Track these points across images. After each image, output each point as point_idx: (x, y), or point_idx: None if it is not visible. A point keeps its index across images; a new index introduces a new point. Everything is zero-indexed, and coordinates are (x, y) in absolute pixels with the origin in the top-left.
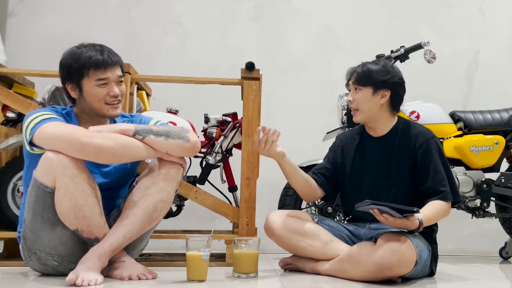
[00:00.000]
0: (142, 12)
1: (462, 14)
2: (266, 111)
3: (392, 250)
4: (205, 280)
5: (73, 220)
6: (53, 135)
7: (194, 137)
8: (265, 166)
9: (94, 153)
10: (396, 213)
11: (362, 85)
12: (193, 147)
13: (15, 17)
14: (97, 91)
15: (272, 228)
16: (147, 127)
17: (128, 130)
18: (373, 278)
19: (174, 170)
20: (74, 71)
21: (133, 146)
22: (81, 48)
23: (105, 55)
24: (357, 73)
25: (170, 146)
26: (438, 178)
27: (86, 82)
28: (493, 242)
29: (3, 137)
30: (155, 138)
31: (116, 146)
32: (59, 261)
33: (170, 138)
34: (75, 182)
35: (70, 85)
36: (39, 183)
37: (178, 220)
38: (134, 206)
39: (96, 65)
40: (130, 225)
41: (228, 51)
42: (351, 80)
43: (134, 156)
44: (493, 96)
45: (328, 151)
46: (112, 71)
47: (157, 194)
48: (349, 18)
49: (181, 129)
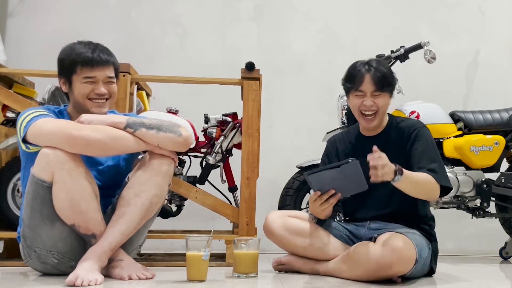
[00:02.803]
0: (142, 12)
1: (462, 14)
2: (266, 111)
3: (392, 249)
4: (205, 280)
5: (70, 215)
6: (45, 131)
7: (186, 132)
8: (265, 166)
9: (83, 145)
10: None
11: (383, 91)
12: (185, 141)
13: (15, 17)
14: (82, 87)
15: (272, 228)
16: (139, 120)
17: (119, 122)
18: (374, 278)
19: (166, 164)
20: (66, 66)
21: (123, 139)
22: (76, 45)
23: (96, 54)
24: (376, 79)
25: (161, 140)
26: (428, 161)
27: (75, 78)
28: (493, 242)
29: (3, 137)
30: (146, 131)
31: (106, 138)
32: (59, 258)
33: (161, 132)
34: (72, 176)
35: (62, 79)
36: (37, 178)
37: (178, 220)
38: (130, 203)
39: (84, 62)
40: (127, 222)
41: (228, 51)
42: (370, 86)
43: (124, 149)
44: (493, 96)
45: (322, 159)
46: (100, 70)
47: (151, 189)
48: (349, 18)
49: (173, 124)
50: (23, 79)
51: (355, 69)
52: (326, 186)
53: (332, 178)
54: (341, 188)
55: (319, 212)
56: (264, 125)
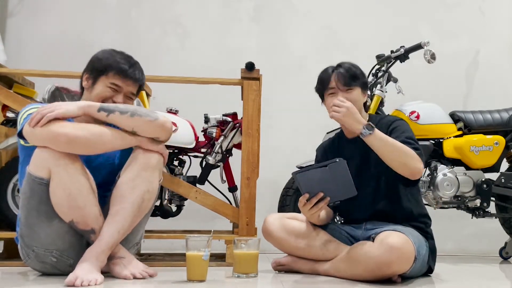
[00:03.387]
0: (142, 12)
1: (462, 14)
2: (266, 111)
3: (391, 247)
4: (205, 280)
5: (67, 211)
6: (34, 129)
7: (163, 118)
8: (265, 166)
9: (66, 143)
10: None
11: (351, 86)
12: (162, 125)
13: (15, 17)
14: (105, 90)
15: (270, 230)
16: (113, 105)
17: (93, 106)
18: (373, 277)
19: (154, 158)
20: (99, 65)
21: (106, 134)
22: (118, 53)
23: (131, 69)
24: (343, 74)
25: (136, 123)
26: (405, 139)
27: (102, 79)
28: (493, 242)
29: (3, 137)
30: (120, 114)
31: (88, 135)
32: (58, 256)
33: (136, 115)
34: (68, 172)
35: (87, 75)
36: (33, 177)
37: (178, 220)
38: (122, 201)
39: (119, 70)
40: (121, 220)
41: (228, 51)
42: (338, 82)
43: (109, 145)
44: (493, 96)
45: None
46: (128, 84)
47: (141, 185)
48: (349, 18)
49: (149, 111)
50: (23, 79)
51: (324, 72)
52: (314, 188)
53: (320, 178)
54: (329, 191)
55: (308, 216)
56: (264, 125)
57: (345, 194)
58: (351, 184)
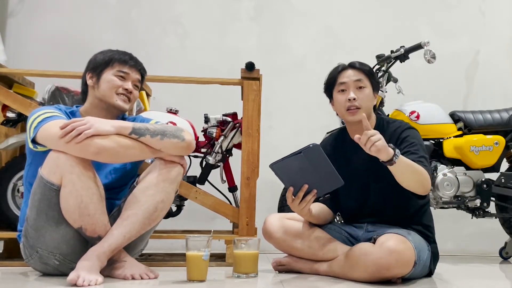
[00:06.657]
0: (142, 12)
1: (462, 14)
2: (266, 111)
3: (391, 251)
4: (205, 280)
5: (77, 218)
6: (55, 135)
7: (189, 136)
8: (265, 166)
9: (95, 153)
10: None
11: (364, 82)
12: (188, 146)
13: (15, 17)
14: (113, 79)
15: (270, 231)
16: (143, 126)
17: (126, 127)
18: (372, 279)
19: (175, 171)
20: (100, 61)
21: (132, 147)
22: (114, 50)
23: (132, 60)
24: (356, 68)
25: (165, 145)
26: (418, 158)
27: (108, 71)
28: (493, 242)
29: (3, 137)
30: (151, 138)
31: (118, 147)
32: (61, 260)
33: (166, 138)
34: (82, 180)
35: (90, 73)
36: (45, 181)
37: (178, 220)
38: (135, 207)
39: (121, 60)
40: (130, 225)
41: (228, 51)
42: (351, 74)
43: (132, 157)
44: (493, 96)
45: None
46: (133, 71)
47: (157, 195)
48: (349, 18)
49: (176, 129)
50: (23, 79)
51: (334, 68)
52: (297, 180)
53: (300, 168)
54: (314, 183)
55: (298, 212)
56: (264, 125)
57: (331, 184)
58: (334, 173)
